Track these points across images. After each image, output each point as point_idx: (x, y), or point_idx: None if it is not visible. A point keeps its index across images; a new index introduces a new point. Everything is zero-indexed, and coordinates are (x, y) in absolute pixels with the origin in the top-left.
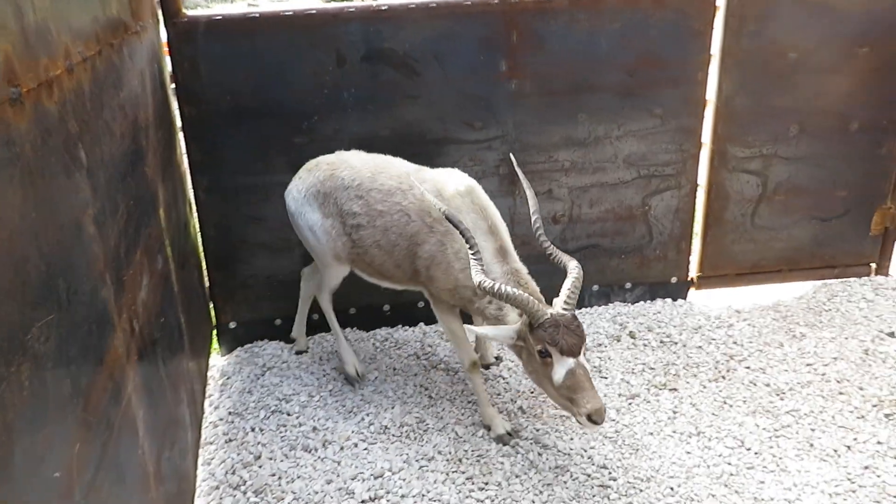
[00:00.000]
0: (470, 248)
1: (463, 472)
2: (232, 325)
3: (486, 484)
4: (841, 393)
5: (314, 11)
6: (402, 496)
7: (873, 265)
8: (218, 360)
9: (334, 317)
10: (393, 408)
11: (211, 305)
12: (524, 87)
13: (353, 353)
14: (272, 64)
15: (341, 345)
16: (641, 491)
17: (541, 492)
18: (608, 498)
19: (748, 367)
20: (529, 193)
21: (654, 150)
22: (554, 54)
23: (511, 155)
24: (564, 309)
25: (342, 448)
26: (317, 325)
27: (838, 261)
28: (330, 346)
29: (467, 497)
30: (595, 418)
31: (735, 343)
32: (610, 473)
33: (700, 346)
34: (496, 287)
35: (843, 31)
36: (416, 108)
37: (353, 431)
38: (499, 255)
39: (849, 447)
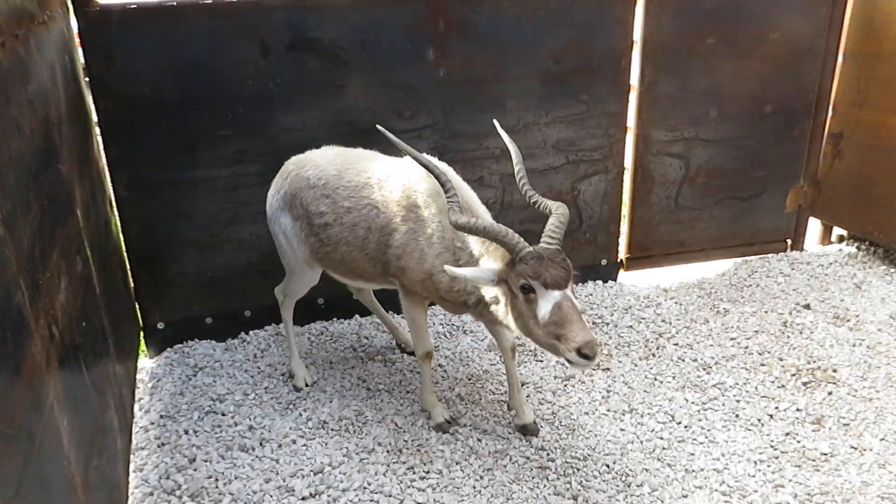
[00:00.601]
0: (446, 191)
1: (404, 463)
2: (160, 325)
3: (428, 472)
4: (763, 364)
5: (234, 0)
6: (344, 490)
7: (789, 241)
8: (147, 363)
9: (292, 328)
10: (331, 402)
11: (137, 306)
12: (452, 75)
13: (304, 367)
14: (192, 54)
15: (294, 358)
16: (579, 470)
17: (481, 477)
18: (547, 479)
19: (676, 344)
20: (512, 147)
21: (581, 136)
22: (481, 42)
23: (494, 121)
24: (548, 245)
25: (280, 445)
26: (249, 322)
27: (757, 238)
28: (264, 343)
29: (409, 487)
30: (586, 352)
31: (663, 321)
32: (548, 454)
33: (631, 326)
34: (472, 222)
35: (756, 17)
36: (345, 97)
37: (290, 428)
38: None
39: (771, 416)
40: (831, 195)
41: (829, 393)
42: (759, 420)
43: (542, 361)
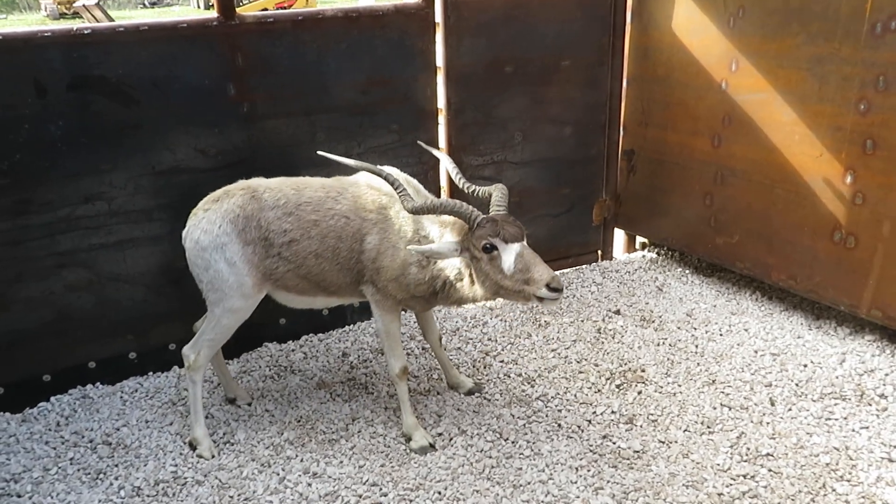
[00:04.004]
0: (395, 187)
1: None
2: None
3: None
4: (581, 372)
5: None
6: None
7: (599, 252)
8: None
9: (200, 393)
10: (145, 465)
11: None
12: (256, 110)
13: (209, 437)
14: None
15: (199, 426)
16: (412, 501)
17: None
18: None
19: (502, 361)
20: (442, 156)
21: (396, 165)
22: (283, 76)
23: (420, 142)
24: (498, 211)
25: None
26: (49, 387)
27: (571, 251)
28: (68, 408)
29: None
30: (554, 285)
31: (490, 339)
32: (381, 489)
33: (459, 347)
34: (427, 202)
35: (548, 46)
36: (139, 138)
37: (100, 501)
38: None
39: (589, 421)
40: (630, 207)
41: (639, 392)
42: (578, 427)
43: (372, 394)
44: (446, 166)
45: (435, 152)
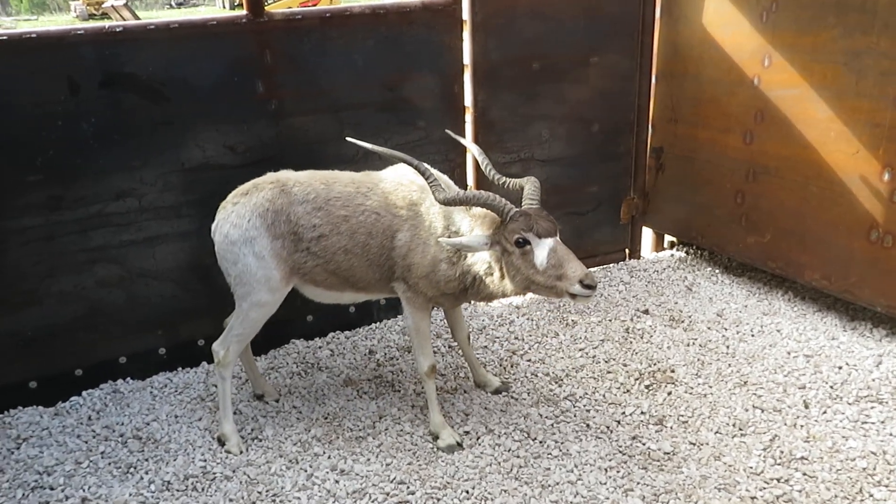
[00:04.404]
0: (426, 177)
1: None
2: None
3: None
4: (609, 372)
5: (34, 35)
6: None
7: (627, 250)
8: None
9: (229, 389)
10: (175, 459)
11: None
12: (284, 107)
13: (238, 433)
14: None
15: (228, 421)
16: (439, 500)
17: None
18: None
19: (529, 360)
20: (472, 145)
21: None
22: (311, 73)
23: (448, 131)
24: (531, 205)
25: None
26: (81, 381)
27: (598, 250)
28: (99, 402)
29: None
30: (588, 282)
31: (516, 338)
32: (408, 487)
33: (486, 346)
34: (459, 194)
35: (576, 43)
36: (169, 135)
37: (130, 494)
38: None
39: (618, 421)
40: (659, 205)
41: (669, 393)
42: (607, 427)
43: (399, 392)
44: (475, 155)
45: (463, 141)
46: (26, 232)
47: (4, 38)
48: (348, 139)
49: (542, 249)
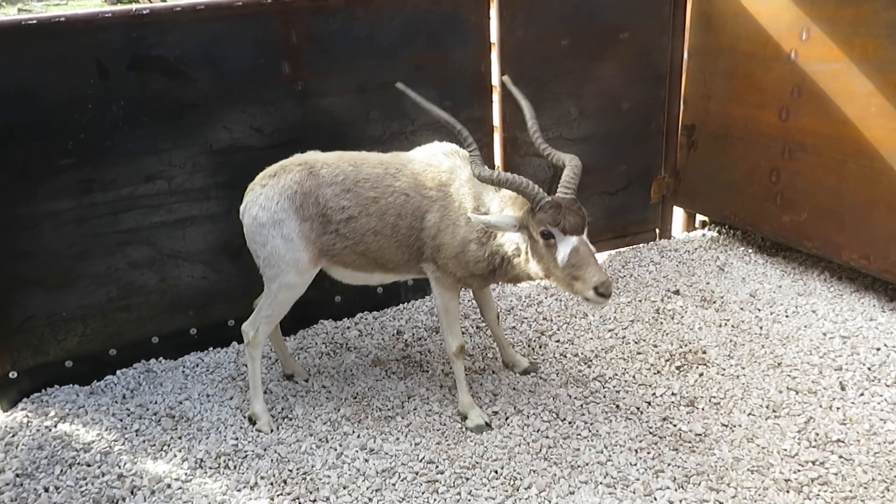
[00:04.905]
0: (467, 145)
1: (288, 494)
2: (12, 374)
3: (314, 502)
4: (639, 353)
5: (62, 19)
6: None
7: (657, 230)
8: (0, 417)
9: (259, 368)
10: (207, 438)
11: None
12: (311, 88)
13: (268, 412)
14: (17, 80)
15: (258, 401)
16: (468, 479)
17: (370, 499)
18: (437, 492)
19: (558, 341)
20: (525, 103)
21: (449, 141)
22: (337, 53)
23: (504, 78)
24: (564, 194)
25: (153, 492)
26: (115, 361)
27: (628, 230)
28: (133, 382)
29: None
30: (602, 290)
31: (545, 319)
32: (437, 467)
33: (514, 327)
34: (495, 174)
35: (605, 19)
36: (197, 117)
37: (164, 472)
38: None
39: (648, 403)
40: (690, 184)
41: (700, 374)
42: (637, 408)
43: (427, 372)
44: (526, 116)
45: (516, 93)
46: (60, 215)
47: (34, 22)
48: (398, 85)
49: (566, 247)
